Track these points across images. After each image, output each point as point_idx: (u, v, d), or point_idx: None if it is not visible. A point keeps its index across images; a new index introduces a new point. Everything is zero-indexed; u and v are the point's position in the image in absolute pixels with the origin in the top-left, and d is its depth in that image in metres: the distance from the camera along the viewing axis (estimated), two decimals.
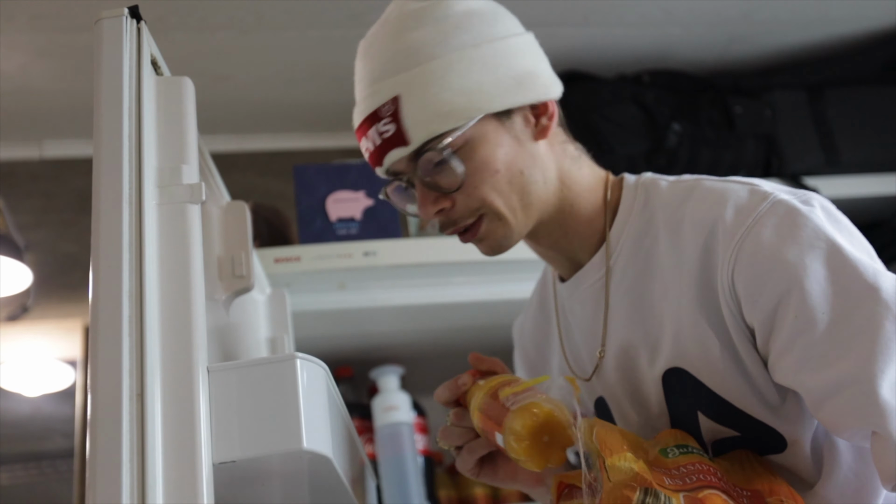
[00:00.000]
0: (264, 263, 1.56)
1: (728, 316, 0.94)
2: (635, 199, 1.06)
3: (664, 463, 0.90)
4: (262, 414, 0.81)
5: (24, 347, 2.13)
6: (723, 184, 1.00)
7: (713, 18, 2.14)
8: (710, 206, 0.97)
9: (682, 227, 0.99)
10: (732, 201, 0.96)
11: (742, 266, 0.92)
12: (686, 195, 1.01)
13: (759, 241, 0.91)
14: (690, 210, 0.99)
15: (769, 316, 0.91)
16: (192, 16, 1.94)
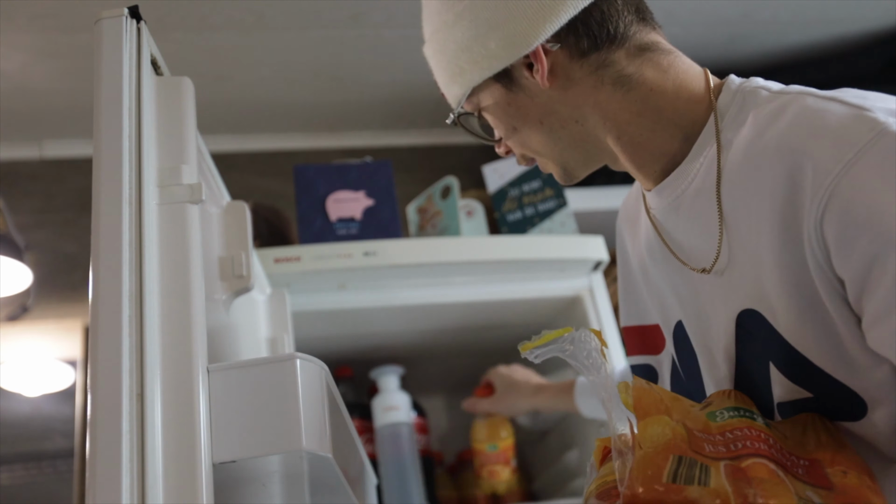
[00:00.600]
0: (264, 263, 1.56)
1: (814, 264, 0.82)
2: (731, 106, 0.95)
3: (709, 428, 0.82)
4: (262, 414, 0.81)
5: (24, 347, 2.13)
6: (826, 102, 0.85)
7: (713, 18, 2.14)
8: (804, 133, 0.83)
9: (769, 151, 0.86)
10: (831, 129, 0.81)
11: (834, 212, 0.78)
12: (781, 112, 0.88)
13: (857, 185, 0.77)
14: (781, 132, 0.86)
15: (863, 274, 0.78)
16: (192, 16, 1.94)
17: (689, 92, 0.98)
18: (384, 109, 2.40)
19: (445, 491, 1.85)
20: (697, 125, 0.96)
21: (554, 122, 0.99)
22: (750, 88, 0.95)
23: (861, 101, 0.83)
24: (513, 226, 1.87)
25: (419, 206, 1.92)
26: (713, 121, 0.95)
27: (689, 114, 0.97)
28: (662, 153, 0.98)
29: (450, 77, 1.02)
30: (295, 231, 1.85)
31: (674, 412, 0.82)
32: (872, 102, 0.83)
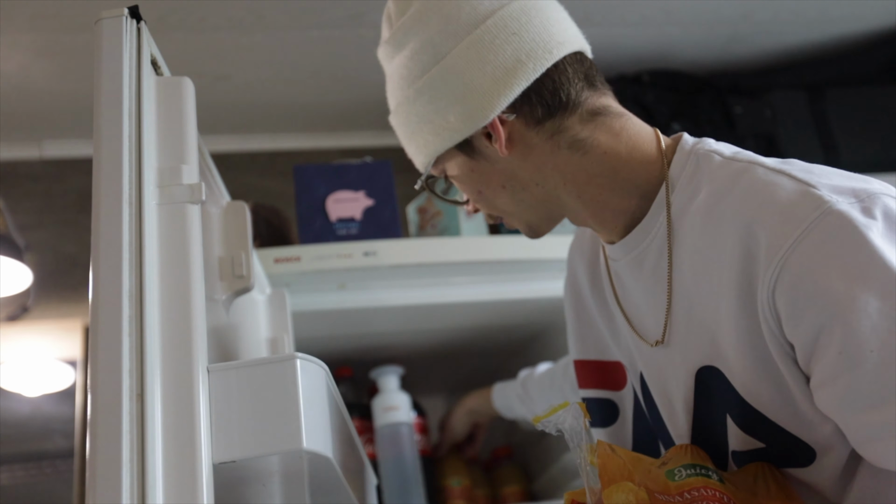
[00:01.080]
0: (264, 263, 1.56)
1: (766, 329, 0.87)
2: (684, 169, 0.98)
3: (668, 488, 0.88)
4: (262, 414, 0.81)
5: (24, 347, 2.13)
6: (776, 176, 0.89)
7: (713, 18, 2.14)
8: (756, 206, 0.88)
9: (725, 222, 0.90)
10: (781, 205, 0.86)
11: (784, 286, 0.84)
12: (734, 182, 0.92)
13: (804, 261, 0.82)
14: (734, 203, 0.90)
15: (810, 342, 0.84)
16: (192, 16, 1.94)
17: (641, 153, 1.01)
18: (384, 109, 2.39)
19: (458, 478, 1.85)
20: (653, 185, 1.00)
21: (516, 185, 1.03)
22: (703, 152, 0.98)
23: (808, 175, 0.88)
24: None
25: (419, 206, 1.92)
26: (665, 187, 0.98)
27: (643, 174, 1.00)
28: (621, 211, 1.01)
29: (415, 148, 1.07)
30: (295, 231, 1.85)
31: (636, 474, 0.88)
32: (818, 178, 0.87)
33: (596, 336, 1.15)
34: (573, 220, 1.07)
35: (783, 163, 0.92)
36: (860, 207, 0.83)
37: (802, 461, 0.92)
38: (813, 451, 0.91)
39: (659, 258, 0.99)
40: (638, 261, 1.01)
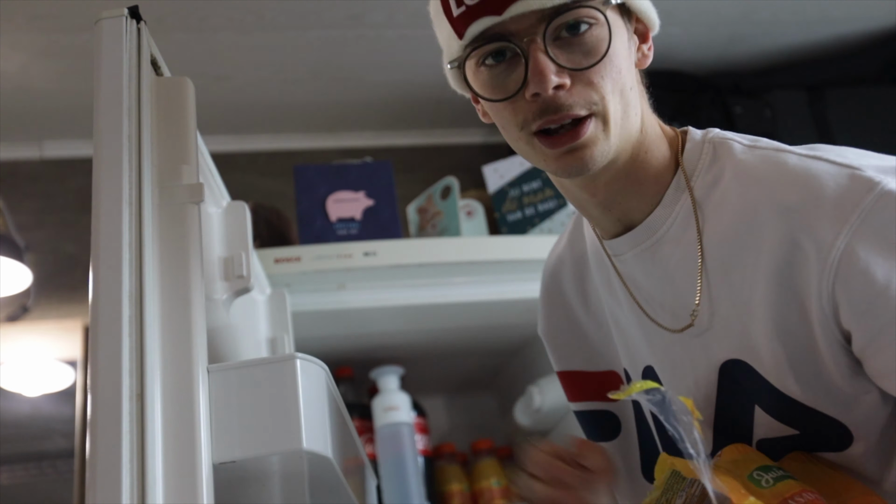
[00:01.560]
0: (264, 263, 1.56)
1: (818, 316, 0.83)
2: (701, 157, 0.94)
3: (763, 494, 0.84)
4: (262, 414, 0.81)
5: (24, 347, 2.13)
6: (813, 162, 0.86)
7: (713, 18, 2.14)
8: (801, 193, 0.84)
9: (761, 209, 0.86)
10: (829, 191, 0.82)
11: (846, 276, 0.80)
12: (766, 168, 0.88)
13: (867, 249, 0.79)
14: (772, 191, 0.86)
15: (876, 331, 0.80)
16: (192, 16, 1.94)
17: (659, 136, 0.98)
18: (384, 109, 2.40)
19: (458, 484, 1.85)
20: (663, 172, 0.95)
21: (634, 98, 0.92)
22: (718, 140, 0.95)
23: (845, 158, 0.85)
24: (513, 226, 1.87)
25: (419, 207, 1.92)
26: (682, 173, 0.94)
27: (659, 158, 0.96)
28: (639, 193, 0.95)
29: None
30: (295, 231, 1.85)
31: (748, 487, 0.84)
32: (857, 160, 0.85)
33: (582, 345, 1.10)
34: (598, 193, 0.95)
35: (811, 148, 0.89)
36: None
37: (838, 445, 0.89)
38: (849, 434, 0.88)
39: (676, 247, 0.94)
40: (649, 252, 0.96)
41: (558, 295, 1.14)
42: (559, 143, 0.88)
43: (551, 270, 1.16)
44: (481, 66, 0.89)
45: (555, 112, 0.86)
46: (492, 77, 0.89)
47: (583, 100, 0.87)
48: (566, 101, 0.86)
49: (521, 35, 0.86)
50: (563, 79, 0.86)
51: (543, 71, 0.85)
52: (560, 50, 0.86)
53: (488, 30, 0.86)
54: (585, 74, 0.87)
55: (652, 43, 0.96)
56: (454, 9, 0.88)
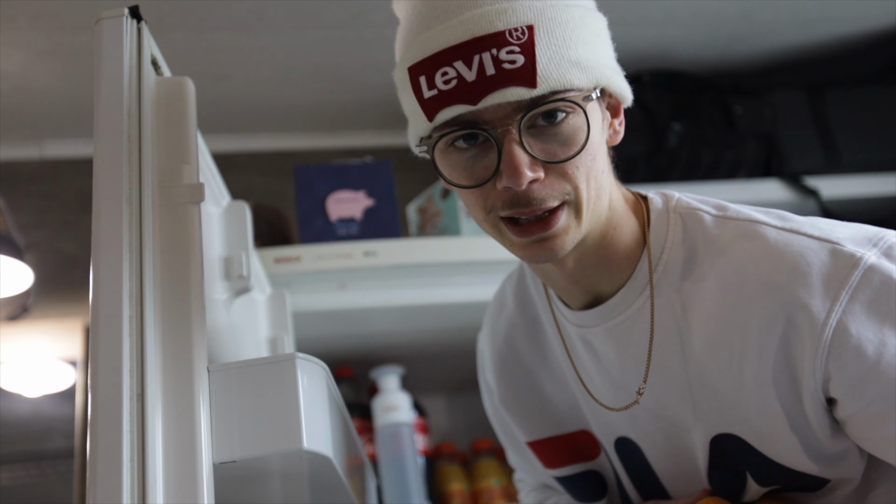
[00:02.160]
0: (264, 263, 1.56)
1: (808, 385, 0.85)
2: (669, 229, 0.93)
3: None
4: (262, 414, 0.81)
5: (24, 347, 2.13)
6: (792, 237, 0.87)
7: (713, 18, 2.14)
8: (787, 272, 0.85)
9: (747, 288, 0.86)
10: (815, 269, 0.84)
11: (838, 353, 0.83)
12: (748, 245, 0.88)
13: (857, 326, 0.82)
14: (757, 270, 0.86)
15: (864, 404, 0.84)
16: (192, 16, 1.94)
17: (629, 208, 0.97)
18: (384, 109, 2.40)
19: (458, 484, 1.85)
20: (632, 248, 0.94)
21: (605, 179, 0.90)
22: (685, 210, 0.93)
23: (821, 232, 0.86)
24: None
25: (419, 206, 1.92)
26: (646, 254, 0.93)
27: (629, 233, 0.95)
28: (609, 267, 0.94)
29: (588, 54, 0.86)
30: (295, 231, 1.85)
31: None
32: (831, 233, 0.86)
33: (545, 410, 1.08)
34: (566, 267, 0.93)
35: (783, 218, 0.90)
36: (883, 253, 0.84)
37: (814, 488, 0.93)
38: (827, 481, 0.92)
39: (644, 327, 0.94)
40: (618, 329, 0.95)
41: (515, 362, 1.10)
42: (528, 232, 0.85)
43: (503, 338, 1.11)
44: (451, 146, 0.86)
45: (526, 205, 0.84)
46: (462, 160, 0.86)
47: (556, 192, 0.84)
48: (538, 194, 0.83)
49: (496, 124, 0.82)
50: (538, 172, 0.83)
51: (518, 166, 0.81)
52: (535, 139, 0.83)
53: (461, 116, 0.82)
54: (560, 166, 0.83)
55: (623, 117, 0.93)
56: (425, 90, 0.83)
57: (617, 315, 0.95)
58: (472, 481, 1.88)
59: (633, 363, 0.96)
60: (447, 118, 0.83)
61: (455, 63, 0.80)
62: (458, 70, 0.80)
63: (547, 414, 1.08)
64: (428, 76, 0.82)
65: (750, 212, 0.92)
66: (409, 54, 0.84)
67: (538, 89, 0.80)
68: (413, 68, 0.83)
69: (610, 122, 0.91)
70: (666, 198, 0.96)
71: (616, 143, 0.92)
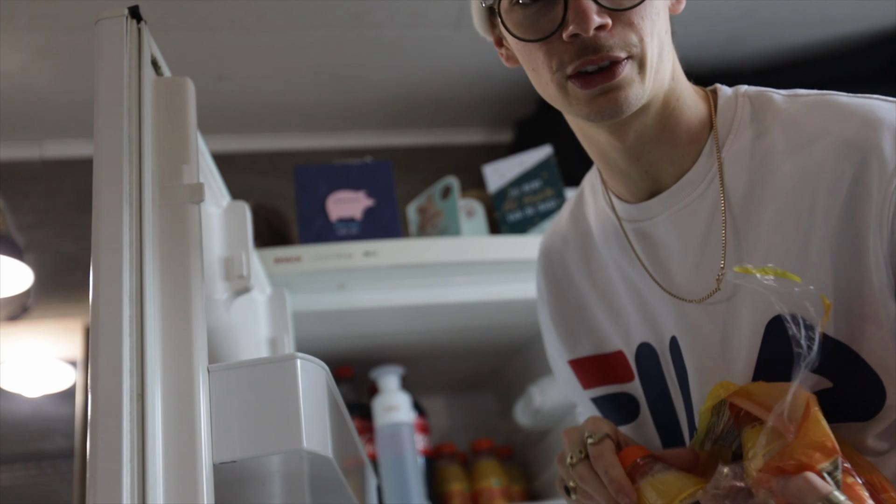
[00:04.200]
0: (264, 263, 1.56)
1: (874, 251, 0.82)
2: (736, 111, 0.92)
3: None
4: (263, 414, 0.81)
5: (24, 347, 2.13)
6: (864, 99, 0.86)
7: (713, 18, 2.14)
8: (859, 127, 0.83)
9: (817, 146, 0.85)
10: (886, 123, 0.82)
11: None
12: (817, 110, 0.87)
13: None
14: (829, 127, 0.85)
15: None
16: (192, 16, 1.94)
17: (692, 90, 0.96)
18: (384, 109, 2.40)
19: (458, 484, 1.86)
20: (696, 131, 0.94)
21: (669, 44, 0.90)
22: (754, 93, 0.93)
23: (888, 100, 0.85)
24: (513, 226, 1.87)
25: (419, 206, 1.92)
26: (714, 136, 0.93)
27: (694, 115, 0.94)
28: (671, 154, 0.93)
29: None
30: (295, 231, 1.85)
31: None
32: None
33: (588, 329, 1.08)
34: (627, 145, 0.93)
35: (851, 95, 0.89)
36: None
37: (866, 411, 0.86)
38: (882, 397, 0.85)
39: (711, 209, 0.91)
40: (682, 215, 0.94)
41: (565, 276, 1.11)
42: (592, 83, 0.86)
43: (557, 251, 1.13)
44: (515, 4, 0.87)
45: (593, 53, 0.84)
46: (526, 16, 0.86)
47: (623, 41, 0.85)
48: (606, 42, 0.84)
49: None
50: (605, 19, 0.83)
51: (585, 10, 0.82)
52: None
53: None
54: (626, 15, 0.84)
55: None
56: None
57: (680, 200, 0.94)
58: (472, 481, 1.88)
59: (698, 250, 0.93)
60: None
61: None
62: None
63: (589, 332, 1.08)
64: None
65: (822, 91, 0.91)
66: None
67: None
68: None
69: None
70: (735, 87, 0.96)
71: (678, 11, 0.92)
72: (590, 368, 1.10)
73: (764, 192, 0.89)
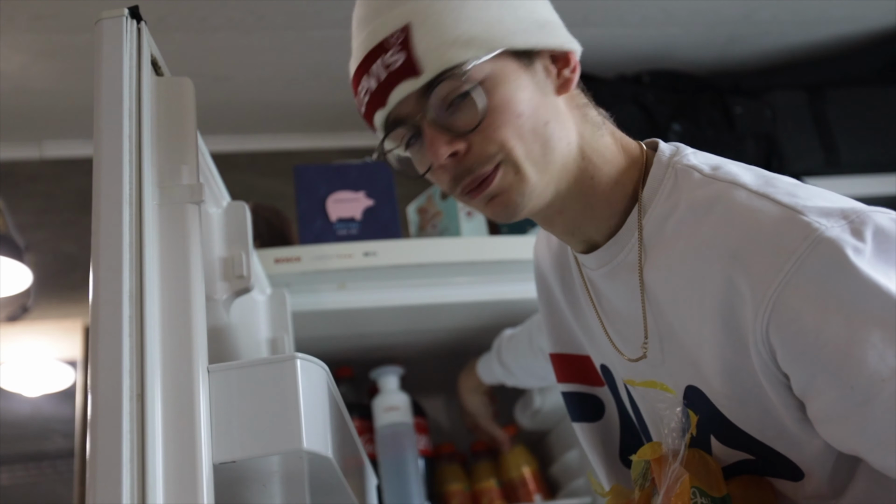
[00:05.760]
0: (264, 263, 1.56)
1: (758, 360, 0.84)
2: (662, 183, 0.94)
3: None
4: (262, 414, 0.81)
5: (24, 347, 2.13)
6: (759, 201, 0.85)
7: (713, 18, 2.14)
8: (739, 235, 0.84)
9: (705, 249, 0.87)
10: (766, 235, 0.82)
11: (779, 323, 0.80)
12: (715, 207, 0.88)
13: (799, 298, 0.79)
14: (714, 229, 0.87)
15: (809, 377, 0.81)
16: (192, 16, 1.94)
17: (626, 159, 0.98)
18: None
19: (458, 484, 1.86)
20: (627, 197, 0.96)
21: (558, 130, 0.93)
22: (681, 167, 0.95)
23: (792, 199, 0.83)
24: (513, 226, 1.87)
25: (419, 207, 1.92)
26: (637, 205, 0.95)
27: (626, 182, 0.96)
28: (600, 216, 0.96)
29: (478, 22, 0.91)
30: (295, 231, 1.85)
31: None
32: (804, 201, 0.83)
33: (567, 329, 1.13)
34: (555, 225, 0.99)
35: (767, 184, 0.88)
36: (850, 229, 0.79)
37: (793, 476, 0.90)
38: (800, 471, 0.89)
39: (631, 276, 0.95)
40: (611, 275, 0.98)
41: (542, 277, 1.17)
42: (474, 195, 0.92)
43: (536, 253, 1.20)
44: (408, 147, 0.94)
45: (465, 176, 0.91)
46: (414, 154, 0.95)
47: (483, 156, 0.90)
48: (467, 163, 0.90)
49: (413, 115, 0.91)
50: (457, 145, 0.90)
51: (432, 144, 0.90)
52: (453, 116, 0.90)
53: (387, 119, 0.92)
54: (480, 132, 0.89)
55: (577, 63, 0.95)
56: (361, 108, 0.95)
57: (611, 258, 0.97)
58: (471, 481, 1.88)
59: (626, 312, 0.98)
60: (379, 124, 0.93)
61: (363, 79, 0.92)
62: (367, 84, 0.92)
63: (567, 332, 1.13)
64: (357, 96, 0.95)
65: (738, 172, 0.91)
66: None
67: (423, 76, 0.88)
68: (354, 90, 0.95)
69: (558, 73, 0.95)
70: (675, 150, 0.98)
71: (570, 90, 0.95)
72: (565, 364, 1.15)
73: (660, 272, 0.93)
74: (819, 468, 0.88)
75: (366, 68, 0.91)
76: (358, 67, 0.93)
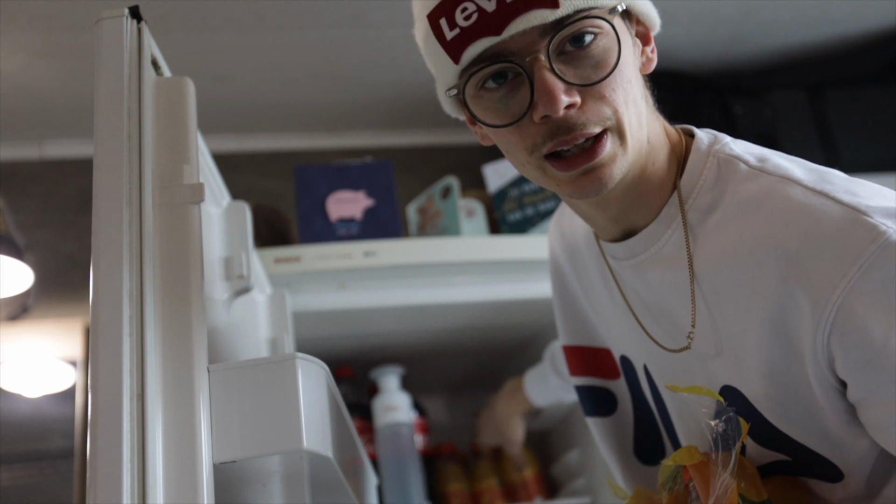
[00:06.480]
0: (264, 263, 1.56)
1: (812, 365, 0.80)
2: (703, 173, 0.89)
3: None
4: (263, 414, 0.81)
5: (24, 347, 2.13)
6: (818, 199, 0.80)
7: (713, 18, 2.14)
8: (800, 238, 0.79)
9: (758, 248, 0.82)
10: (830, 238, 0.77)
11: (843, 329, 0.76)
12: (768, 204, 0.82)
13: (866, 304, 0.75)
14: (771, 231, 0.81)
15: (871, 384, 0.77)
16: (192, 16, 1.94)
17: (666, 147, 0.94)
18: (384, 109, 2.40)
19: (458, 484, 1.86)
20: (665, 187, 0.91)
21: (645, 107, 0.88)
22: (724, 157, 0.89)
23: (854, 198, 0.79)
24: (513, 226, 1.87)
25: (419, 206, 1.92)
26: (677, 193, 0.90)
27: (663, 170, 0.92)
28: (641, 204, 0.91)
29: None
30: (295, 231, 1.85)
31: None
32: (866, 200, 0.78)
33: (583, 320, 1.09)
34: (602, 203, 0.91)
35: (822, 180, 0.83)
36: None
37: (829, 478, 0.87)
38: (840, 472, 0.86)
39: (669, 267, 0.91)
40: (647, 265, 0.93)
41: (557, 267, 1.13)
42: (574, 164, 0.83)
43: (551, 243, 1.15)
44: (481, 89, 0.84)
45: (567, 133, 0.81)
46: (494, 101, 0.83)
47: (596, 116, 0.81)
48: (578, 119, 0.81)
49: (523, 53, 0.80)
50: (574, 97, 0.80)
51: (552, 91, 0.79)
52: (566, 65, 0.81)
53: (487, 51, 0.80)
54: (596, 89, 0.81)
55: (654, 45, 0.92)
56: (447, 32, 0.82)
57: (646, 249, 0.92)
58: (472, 481, 1.88)
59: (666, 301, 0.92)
60: (473, 55, 0.81)
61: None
62: (478, 3, 0.78)
63: (580, 323, 1.10)
64: (448, 16, 0.80)
65: (789, 167, 0.86)
66: (427, 3, 0.84)
67: (561, 9, 0.78)
68: (432, 14, 0.82)
69: (642, 50, 0.90)
70: (713, 139, 0.92)
71: (650, 70, 0.90)
72: (579, 357, 1.13)
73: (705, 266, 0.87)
74: (859, 469, 0.85)
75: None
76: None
